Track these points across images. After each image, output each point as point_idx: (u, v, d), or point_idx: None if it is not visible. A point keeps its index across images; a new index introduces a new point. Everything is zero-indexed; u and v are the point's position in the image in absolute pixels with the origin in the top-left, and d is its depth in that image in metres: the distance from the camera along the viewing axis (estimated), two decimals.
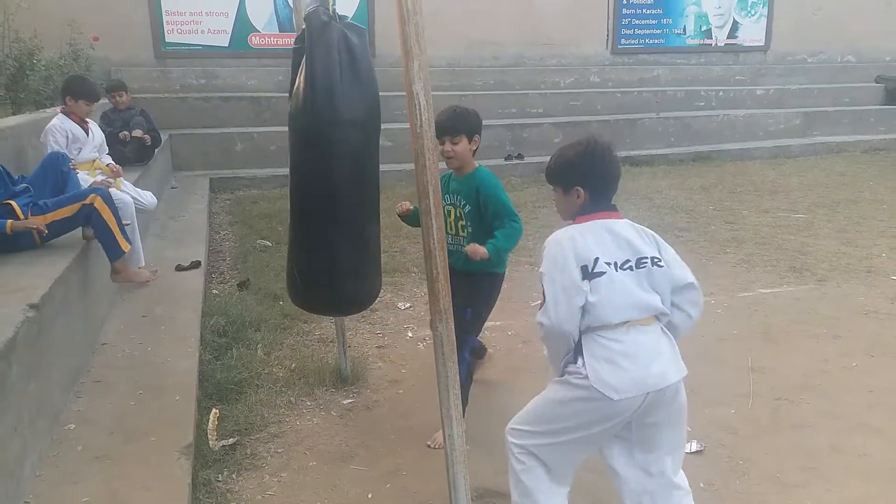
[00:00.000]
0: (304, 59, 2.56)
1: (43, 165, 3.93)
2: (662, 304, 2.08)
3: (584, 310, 2.01)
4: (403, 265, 5.47)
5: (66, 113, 4.83)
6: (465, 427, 3.08)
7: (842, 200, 7.76)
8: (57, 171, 3.86)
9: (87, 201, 3.55)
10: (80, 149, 4.75)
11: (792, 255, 5.72)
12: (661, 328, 2.11)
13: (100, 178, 4.61)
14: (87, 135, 4.91)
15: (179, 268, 4.85)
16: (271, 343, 3.99)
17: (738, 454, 2.96)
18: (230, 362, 3.65)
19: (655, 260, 2.09)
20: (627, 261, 2.06)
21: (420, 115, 1.74)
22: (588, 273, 2.01)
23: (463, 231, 3.01)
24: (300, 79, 2.58)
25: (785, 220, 6.94)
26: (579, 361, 2.02)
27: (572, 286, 1.99)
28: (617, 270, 2.04)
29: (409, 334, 4.23)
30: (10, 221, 3.32)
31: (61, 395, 2.90)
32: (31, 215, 3.41)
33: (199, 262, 4.96)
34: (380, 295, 4.81)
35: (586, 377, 1.98)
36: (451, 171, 3.05)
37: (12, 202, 3.42)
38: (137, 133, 6.37)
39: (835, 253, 5.77)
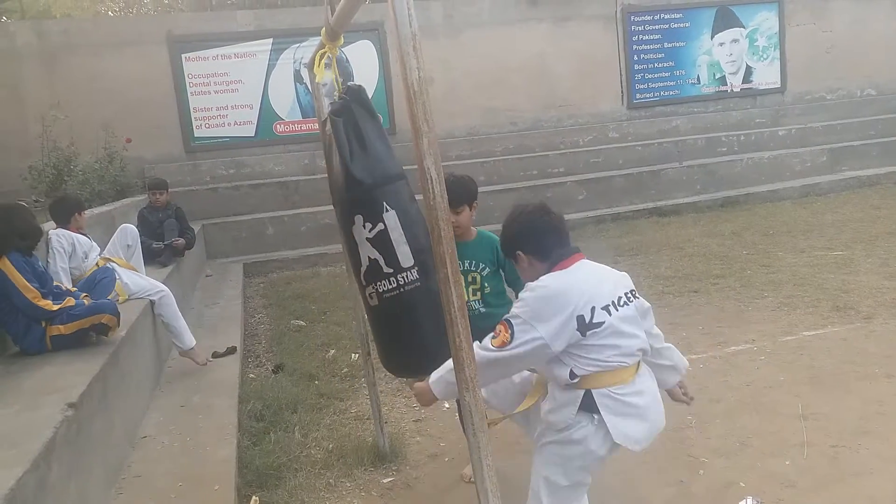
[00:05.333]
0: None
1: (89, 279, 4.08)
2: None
3: (586, 359, 2.10)
4: None
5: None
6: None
7: (880, 234, 7.58)
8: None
9: (103, 321, 3.57)
10: (87, 253, 4.80)
11: (834, 294, 5.56)
12: (644, 363, 2.28)
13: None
14: (90, 240, 4.88)
15: (216, 354, 4.90)
16: (308, 424, 3.96)
17: None
18: (268, 447, 3.63)
19: (629, 296, 2.21)
20: (620, 297, 2.16)
21: (432, 188, 1.77)
22: (586, 325, 2.08)
23: (475, 295, 3.07)
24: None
25: (822, 258, 6.79)
26: (588, 419, 2.12)
27: (560, 338, 2.07)
28: (617, 310, 2.12)
29: (446, 405, 4.15)
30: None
31: (102, 493, 2.90)
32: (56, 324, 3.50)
33: (235, 347, 5.01)
34: None
35: (604, 434, 2.10)
36: None
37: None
38: (175, 244, 6.53)
39: (878, 288, 5.60)
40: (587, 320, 2.08)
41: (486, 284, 3.05)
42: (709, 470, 3.18)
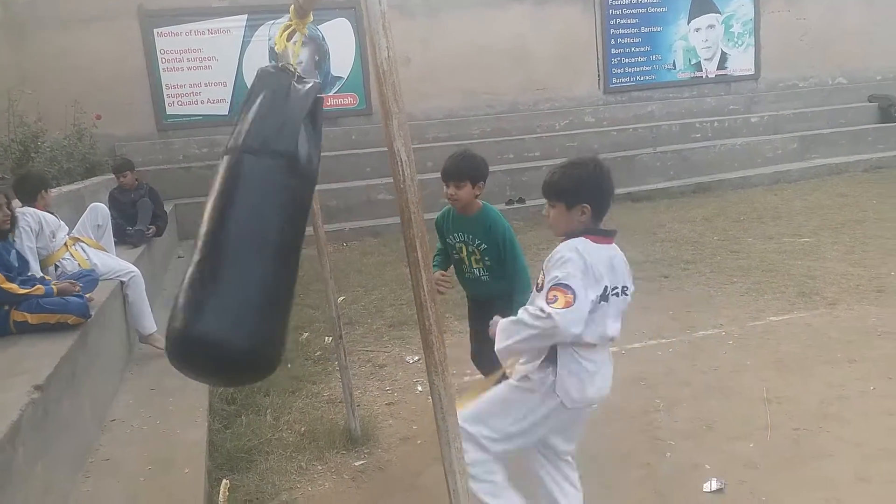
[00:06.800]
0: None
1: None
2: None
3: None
4: (411, 317, 5.45)
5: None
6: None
7: (846, 221, 7.73)
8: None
9: (69, 321, 3.51)
10: (54, 232, 4.62)
11: (800, 281, 5.67)
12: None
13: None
14: (58, 219, 4.75)
15: None
16: (280, 407, 3.95)
17: (761, 490, 2.88)
18: (239, 430, 3.62)
19: (626, 289, 2.32)
20: (616, 287, 2.26)
21: (403, 170, 1.76)
22: (605, 295, 2.20)
23: (478, 264, 3.17)
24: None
25: (790, 245, 6.91)
26: (548, 371, 2.23)
27: (590, 301, 2.14)
28: (617, 297, 2.25)
29: (419, 388, 4.18)
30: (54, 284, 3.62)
31: (69, 477, 2.87)
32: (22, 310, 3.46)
33: None
34: (388, 350, 4.87)
35: (552, 387, 2.22)
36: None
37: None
38: (148, 232, 6.46)
39: (843, 275, 5.72)
40: (606, 292, 2.20)
41: (486, 257, 3.14)
42: (675, 452, 3.25)
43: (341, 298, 5.49)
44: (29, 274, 3.89)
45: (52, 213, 4.75)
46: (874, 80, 14.26)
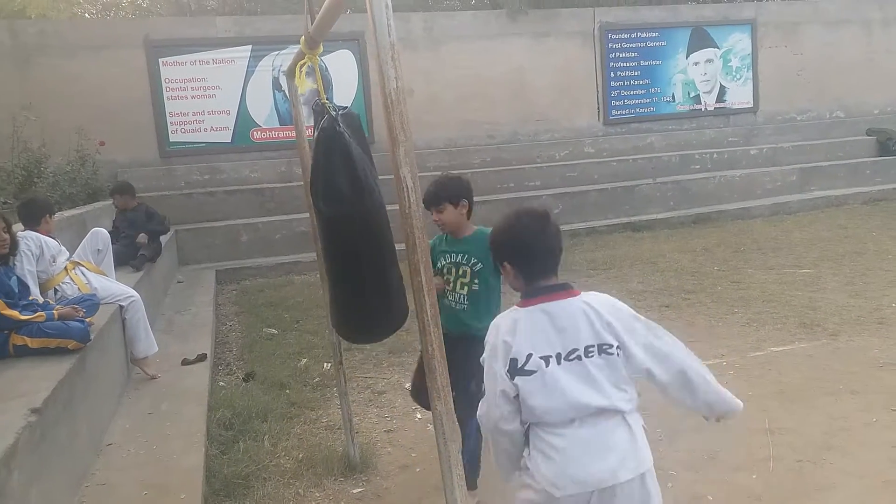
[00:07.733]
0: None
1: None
2: (613, 397, 1.91)
3: (523, 405, 1.92)
4: (410, 344, 5.43)
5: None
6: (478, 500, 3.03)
7: (846, 253, 7.74)
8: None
9: (69, 346, 3.50)
10: (55, 257, 4.59)
11: (801, 311, 5.66)
12: (623, 418, 1.93)
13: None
14: (59, 244, 4.72)
15: (185, 362, 4.84)
16: (278, 433, 3.92)
17: None
18: (237, 456, 3.58)
19: (604, 347, 1.93)
20: (574, 350, 1.92)
21: (408, 196, 1.77)
22: (516, 369, 1.91)
23: (462, 289, 3.02)
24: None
25: (791, 276, 6.91)
26: (526, 455, 1.96)
27: (501, 380, 1.93)
28: (559, 363, 1.91)
29: (419, 416, 4.15)
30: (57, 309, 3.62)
31: (64, 501, 2.84)
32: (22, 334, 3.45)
33: (205, 354, 4.95)
34: (387, 376, 4.84)
35: (532, 473, 1.92)
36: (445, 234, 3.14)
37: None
38: (139, 241, 6.40)
39: (844, 306, 5.71)
40: (519, 364, 1.92)
41: (475, 280, 3.00)
42: (677, 483, 3.21)
43: None
44: (30, 298, 3.88)
45: (54, 238, 4.76)
46: (871, 113, 14.42)
